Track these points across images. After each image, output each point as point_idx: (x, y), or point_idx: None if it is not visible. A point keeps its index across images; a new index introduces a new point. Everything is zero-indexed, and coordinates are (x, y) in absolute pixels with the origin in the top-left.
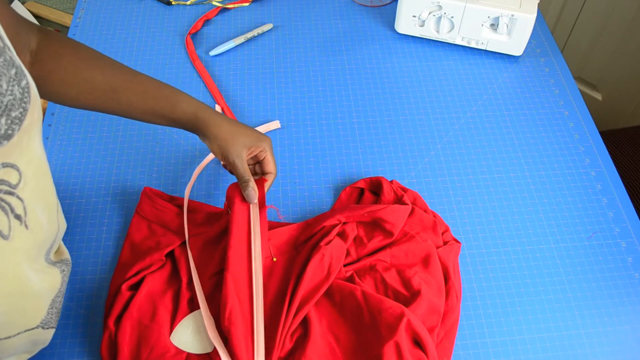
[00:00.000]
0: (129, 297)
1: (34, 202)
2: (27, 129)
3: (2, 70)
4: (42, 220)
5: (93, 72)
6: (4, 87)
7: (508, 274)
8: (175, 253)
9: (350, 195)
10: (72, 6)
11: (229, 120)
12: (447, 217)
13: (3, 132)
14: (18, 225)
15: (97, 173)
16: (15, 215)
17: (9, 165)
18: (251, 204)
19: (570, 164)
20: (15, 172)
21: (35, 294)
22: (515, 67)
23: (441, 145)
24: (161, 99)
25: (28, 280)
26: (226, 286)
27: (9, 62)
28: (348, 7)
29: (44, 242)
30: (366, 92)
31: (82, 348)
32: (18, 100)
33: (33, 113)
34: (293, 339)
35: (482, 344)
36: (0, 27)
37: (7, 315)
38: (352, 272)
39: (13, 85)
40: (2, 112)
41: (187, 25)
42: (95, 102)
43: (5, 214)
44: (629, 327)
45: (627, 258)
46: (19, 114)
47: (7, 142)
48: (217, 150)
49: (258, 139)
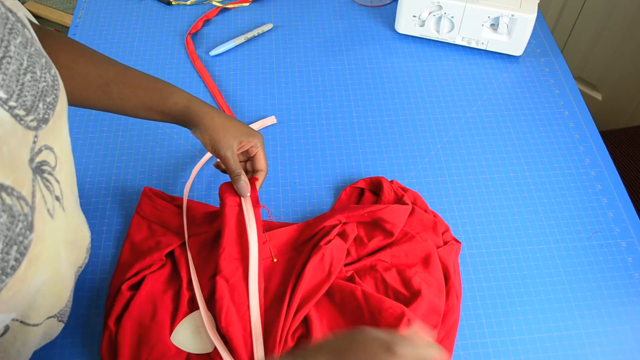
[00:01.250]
0: (129, 297)
1: (66, 186)
2: (59, 115)
3: (35, 59)
4: (73, 205)
5: (87, 67)
6: (38, 74)
7: (508, 274)
8: (176, 253)
9: (350, 195)
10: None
11: (221, 113)
12: (447, 217)
13: (41, 116)
14: (58, 205)
15: (97, 173)
16: (55, 196)
17: (48, 148)
18: (243, 198)
19: (570, 164)
20: (53, 155)
21: (63, 278)
22: (515, 67)
23: (441, 145)
24: (152, 91)
25: (61, 262)
26: (218, 290)
27: (39, 52)
28: (348, 7)
29: (76, 228)
30: (366, 92)
31: (82, 348)
32: (50, 87)
33: (62, 100)
34: (294, 338)
35: (482, 344)
36: (25, 19)
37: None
38: (352, 272)
39: (45, 73)
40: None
41: (187, 25)
42: (89, 98)
43: (50, 194)
44: (629, 327)
45: (627, 258)
46: (52, 99)
47: (45, 125)
48: (208, 141)
49: (250, 133)
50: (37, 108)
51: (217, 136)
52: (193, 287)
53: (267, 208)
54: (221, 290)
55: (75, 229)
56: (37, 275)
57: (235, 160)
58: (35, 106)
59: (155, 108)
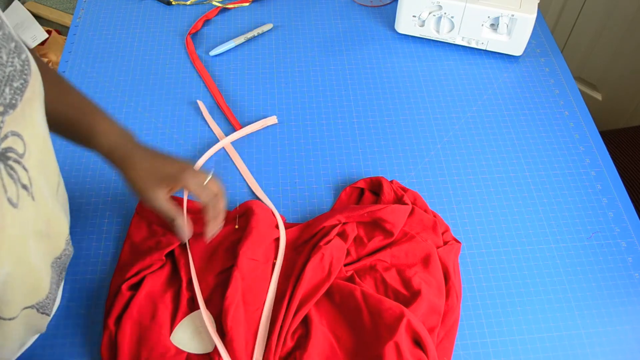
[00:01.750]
0: (129, 297)
1: (37, 174)
2: (29, 100)
3: (2, 43)
4: (46, 195)
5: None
6: (4, 59)
7: (508, 274)
8: (176, 253)
9: (350, 195)
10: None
11: (146, 156)
12: (447, 217)
13: (8, 101)
14: (25, 195)
15: (97, 173)
16: (22, 184)
17: (16, 134)
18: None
19: (570, 164)
20: (21, 141)
21: (35, 269)
22: (515, 67)
23: (441, 145)
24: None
25: (30, 253)
26: (232, 286)
27: (7, 36)
28: (348, 7)
29: (49, 218)
30: (366, 92)
31: (82, 348)
32: (19, 72)
33: (34, 86)
34: (294, 338)
35: (482, 344)
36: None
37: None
38: (352, 272)
39: (13, 58)
40: (6, 82)
41: (187, 25)
42: None
43: (14, 182)
44: (629, 327)
45: (627, 258)
46: (20, 85)
47: (12, 111)
48: (136, 194)
49: (175, 177)
50: (3, 93)
51: (141, 188)
52: (193, 287)
53: (283, 217)
54: (234, 287)
55: (48, 219)
56: None
57: (168, 208)
58: (1, 91)
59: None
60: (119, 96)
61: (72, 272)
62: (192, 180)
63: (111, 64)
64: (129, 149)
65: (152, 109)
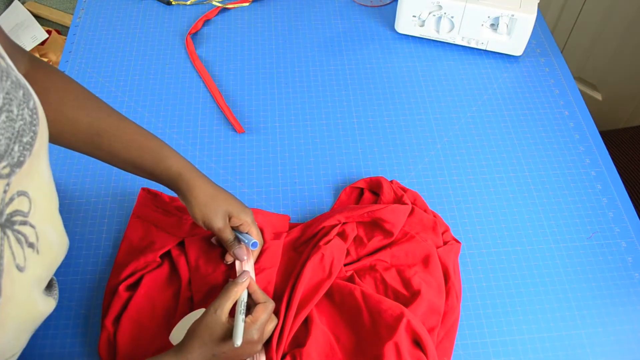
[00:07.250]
0: (127, 298)
1: (44, 225)
2: (37, 152)
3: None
4: (52, 240)
5: (78, 112)
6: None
7: (508, 274)
8: (173, 253)
9: (350, 195)
10: (72, 6)
11: (211, 183)
12: (447, 217)
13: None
14: (31, 252)
15: (97, 173)
16: (29, 243)
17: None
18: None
19: (570, 164)
20: (27, 199)
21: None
22: (515, 67)
23: (441, 145)
24: (145, 151)
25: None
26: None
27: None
28: (348, 7)
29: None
30: (366, 92)
31: (82, 348)
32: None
33: (42, 135)
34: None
35: (482, 344)
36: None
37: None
38: (352, 272)
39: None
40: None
41: (187, 25)
42: (77, 144)
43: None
44: (629, 327)
45: (627, 258)
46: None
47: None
48: (200, 216)
49: (240, 209)
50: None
51: (208, 211)
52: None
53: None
54: None
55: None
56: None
57: (228, 231)
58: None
59: (146, 169)
60: (119, 96)
61: (71, 272)
62: (251, 218)
63: (111, 64)
64: (195, 173)
65: (152, 109)
